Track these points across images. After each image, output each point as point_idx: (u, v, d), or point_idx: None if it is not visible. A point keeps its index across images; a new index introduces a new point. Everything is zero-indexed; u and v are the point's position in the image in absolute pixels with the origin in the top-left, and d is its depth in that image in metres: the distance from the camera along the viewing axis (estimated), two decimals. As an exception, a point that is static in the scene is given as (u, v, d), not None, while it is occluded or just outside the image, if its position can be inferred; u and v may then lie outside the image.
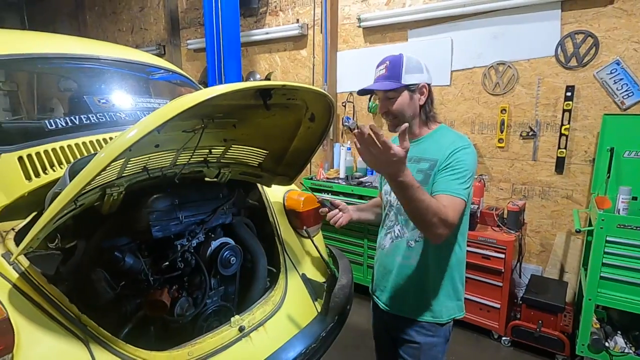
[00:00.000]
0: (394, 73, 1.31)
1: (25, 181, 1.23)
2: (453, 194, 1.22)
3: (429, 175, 1.31)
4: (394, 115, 1.34)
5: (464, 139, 1.33)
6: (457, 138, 1.33)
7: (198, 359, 1.28)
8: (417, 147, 1.38)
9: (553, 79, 2.80)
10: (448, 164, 1.27)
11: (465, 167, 1.26)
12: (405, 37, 3.39)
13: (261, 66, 4.40)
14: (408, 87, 1.32)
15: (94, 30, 6.38)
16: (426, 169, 1.32)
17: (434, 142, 1.36)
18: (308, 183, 3.58)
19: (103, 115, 1.50)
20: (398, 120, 1.33)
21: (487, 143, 3.13)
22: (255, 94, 1.16)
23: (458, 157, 1.27)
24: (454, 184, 1.24)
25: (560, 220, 2.92)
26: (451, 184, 1.24)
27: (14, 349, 1.00)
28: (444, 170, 1.27)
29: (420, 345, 1.37)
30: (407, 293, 1.39)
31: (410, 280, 1.38)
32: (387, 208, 1.47)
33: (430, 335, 1.37)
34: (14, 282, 1.09)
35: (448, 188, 1.23)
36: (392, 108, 1.32)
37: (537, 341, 2.56)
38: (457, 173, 1.25)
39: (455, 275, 1.38)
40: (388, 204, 1.47)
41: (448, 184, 1.24)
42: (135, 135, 0.90)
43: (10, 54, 1.53)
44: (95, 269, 1.32)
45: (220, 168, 1.65)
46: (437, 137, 1.37)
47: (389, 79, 1.31)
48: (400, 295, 1.40)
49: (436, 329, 1.37)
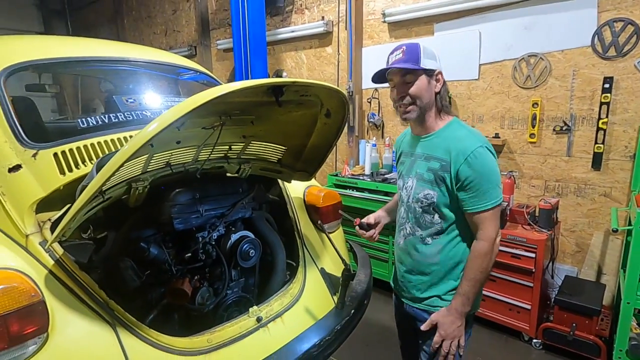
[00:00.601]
0: (412, 57, 1.26)
1: (59, 175, 1.33)
2: (489, 207, 1.24)
3: (441, 177, 1.28)
4: (412, 100, 1.29)
5: (476, 137, 1.28)
6: (469, 137, 1.28)
7: (217, 346, 1.33)
8: (428, 143, 1.36)
9: (589, 71, 2.64)
10: (468, 177, 1.23)
11: (487, 171, 1.24)
12: (431, 31, 3.32)
13: (287, 64, 4.46)
14: (426, 71, 1.29)
15: (131, 34, 6.70)
16: (437, 168, 1.30)
17: (444, 139, 1.32)
18: (332, 179, 3.60)
19: (130, 114, 1.59)
20: (415, 106, 1.29)
21: (517, 138, 3.01)
22: (267, 91, 1.19)
23: (475, 165, 1.22)
24: (487, 195, 1.24)
25: (597, 219, 2.76)
26: (485, 197, 1.24)
27: (48, 329, 1.09)
28: (467, 185, 1.24)
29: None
30: (427, 288, 1.39)
31: (430, 276, 1.38)
32: (400, 203, 1.48)
33: None
34: (50, 268, 1.19)
35: (482, 202, 1.24)
36: (410, 91, 1.28)
37: (570, 345, 2.44)
38: (483, 183, 1.23)
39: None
40: (400, 199, 1.47)
41: (481, 198, 1.24)
42: (154, 129, 0.96)
43: (50, 58, 1.66)
44: (123, 258, 1.41)
45: (241, 164, 1.70)
46: (448, 134, 1.32)
47: (406, 62, 1.26)
48: (420, 290, 1.40)
49: None
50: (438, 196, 1.30)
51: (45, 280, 1.16)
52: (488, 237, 1.26)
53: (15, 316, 1.03)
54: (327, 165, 4.29)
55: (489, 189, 1.24)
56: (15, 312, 1.03)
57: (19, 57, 1.55)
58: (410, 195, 1.38)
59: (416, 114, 1.31)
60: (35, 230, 1.25)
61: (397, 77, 1.30)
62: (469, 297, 1.27)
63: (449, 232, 1.33)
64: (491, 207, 1.24)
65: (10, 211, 1.24)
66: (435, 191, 1.31)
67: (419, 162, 1.37)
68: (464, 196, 1.26)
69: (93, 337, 1.16)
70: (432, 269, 1.36)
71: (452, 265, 1.35)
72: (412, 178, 1.38)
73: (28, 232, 1.23)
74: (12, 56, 1.54)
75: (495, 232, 1.27)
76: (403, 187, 1.43)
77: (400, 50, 1.29)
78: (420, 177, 1.35)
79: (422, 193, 1.33)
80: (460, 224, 1.33)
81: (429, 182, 1.32)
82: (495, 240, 1.27)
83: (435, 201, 1.31)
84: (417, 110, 1.30)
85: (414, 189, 1.37)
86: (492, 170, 1.25)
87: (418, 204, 1.35)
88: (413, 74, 1.28)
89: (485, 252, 1.26)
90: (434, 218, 1.33)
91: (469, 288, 1.26)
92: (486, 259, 1.26)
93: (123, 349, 1.17)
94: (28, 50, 1.65)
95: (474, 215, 1.27)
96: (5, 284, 1.04)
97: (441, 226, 1.33)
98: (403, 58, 1.27)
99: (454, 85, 3.26)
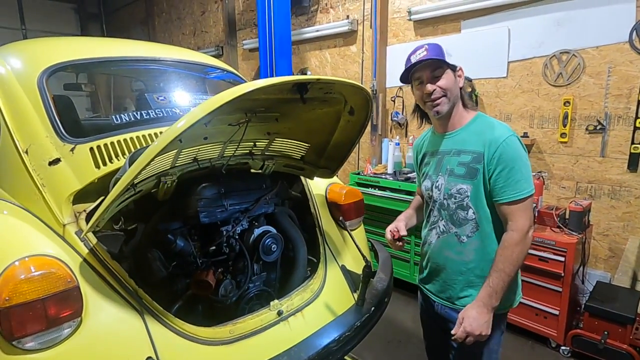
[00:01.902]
0: (437, 53, 1.28)
1: (95, 169, 1.40)
2: (521, 197, 1.22)
3: (474, 169, 1.28)
4: (443, 92, 1.30)
5: (506, 127, 1.29)
6: (499, 127, 1.29)
7: (238, 337, 1.37)
8: (456, 138, 1.36)
9: (626, 67, 2.52)
10: (500, 163, 1.23)
11: (519, 160, 1.23)
12: (458, 29, 3.26)
13: (312, 63, 4.49)
14: (450, 66, 1.31)
15: (162, 35, 6.93)
16: (469, 161, 1.29)
17: (473, 132, 1.32)
18: (355, 178, 3.60)
19: (161, 111, 1.65)
20: (446, 98, 1.30)
21: (547, 138, 2.91)
22: (292, 88, 1.21)
23: (508, 152, 1.23)
24: (519, 185, 1.22)
25: (633, 223, 2.63)
26: (516, 186, 1.22)
27: (82, 314, 1.15)
28: (500, 173, 1.23)
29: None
30: (462, 287, 1.36)
31: (464, 275, 1.35)
32: (431, 203, 1.45)
33: None
34: (84, 256, 1.26)
35: (514, 191, 1.22)
36: (440, 84, 1.29)
37: (601, 353, 2.34)
38: (515, 171, 1.22)
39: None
40: (430, 199, 1.44)
41: (513, 187, 1.22)
42: (183, 125, 1.00)
43: (87, 58, 1.75)
44: (151, 249, 1.47)
45: (265, 160, 1.73)
46: (476, 127, 1.33)
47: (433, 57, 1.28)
48: (454, 289, 1.38)
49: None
50: (472, 190, 1.29)
51: (80, 268, 1.22)
52: (519, 228, 1.22)
53: (52, 300, 1.09)
54: (350, 164, 4.29)
55: (520, 179, 1.22)
56: (53, 296, 1.09)
57: (59, 58, 1.64)
58: (442, 192, 1.36)
59: (447, 107, 1.32)
60: (72, 220, 1.32)
61: (427, 73, 1.30)
62: (497, 290, 1.22)
63: (484, 229, 1.31)
64: (523, 198, 1.22)
65: (49, 202, 1.32)
66: (468, 184, 1.29)
67: (448, 159, 1.36)
68: (496, 185, 1.25)
69: (122, 323, 1.22)
70: (468, 267, 1.33)
71: (487, 264, 1.30)
72: (442, 176, 1.37)
73: (65, 222, 1.30)
74: (52, 57, 1.64)
75: (528, 224, 1.23)
76: (433, 187, 1.40)
77: (423, 48, 1.30)
78: (451, 173, 1.34)
79: (455, 188, 1.32)
80: (495, 220, 1.30)
81: (460, 177, 1.31)
82: (527, 232, 1.23)
83: (469, 195, 1.29)
84: (448, 103, 1.31)
85: (445, 186, 1.35)
86: (524, 161, 1.25)
87: (451, 200, 1.34)
88: (442, 68, 1.30)
89: (516, 242, 1.22)
90: (468, 214, 1.31)
91: (497, 280, 1.22)
92: (516, 250, 1.22)
93: (150, 336, 1.22)
94: (67, 51, 1.74)
95: (505, 207, 1.24)
96: (44, 270, 1.11)
97: (475, 222, 1.31)
98: (428, 55, 1.28)
99: (481, 83, 3.19)
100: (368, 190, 3.36)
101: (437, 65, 1.29)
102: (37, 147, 1.38)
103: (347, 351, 1.49)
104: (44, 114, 1.43)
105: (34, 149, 1.38)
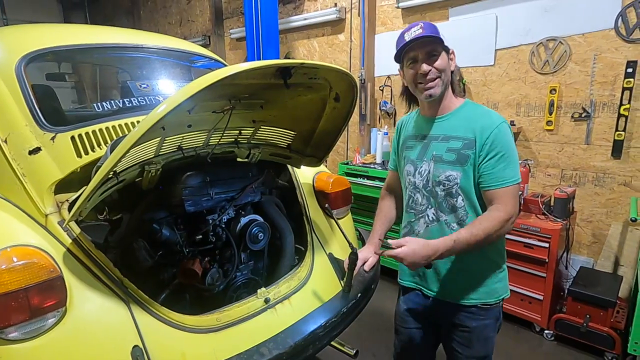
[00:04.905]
0: (433, 31, 1.22)
1: (76, 158, 1.38)
2: (509, 184, 1.21)
3: (464, 156, 1.25)
4: (438, 72, 1.25)
5: (496, 114, 1.27)
6: (490, 114, 1.27)
7: (225, 324, 1.37)
8: (445, 124, 1.32)
9: (611, 55, 2.55)
10: (492, 150, 1.22)
11: (510, 147, 1.22)
12: (446, 16, 3.25)
13: (300, 52, 4.44)
14: (445, 47, 1.26)
15: (147, 25, 6.79)
16: (459, 147, 1.26)
17: (463, 118, 1.29)
18: (344, 168, 3.60)
19: (144, 99, 1.62)
20: (440, 80, 1.25)
21: (534, 126, 2.94)
22: (275, 72, 1.20)
23: (500, 139, 1.21)
24: (507, 172, 1.21)
25: (616, 209, 2.68)
26: (505, 173, 1.21)
27: (66, 303, 1.15)
28: (491, 159, 1.22)
29: (471, 329, 1.34)
30: (454, 278, 1.34)
31: (456, 265, 1.32)
32: (411, 190, 1.39)
33: (481, 318, 1.34)
34: (68, 246, 1.25)
35: (503, 178, 1.21)
36: (437, 64, 1.24)
37: (583, 336, 2.41)
38: (505, 158, 1.21)
39: (499, 255, 1.35)
40: (411, 185, 1.38)
41: (502, 173, 1.21)
42: (163, 110, 0.98)
43: (67, 45, 1.71)
44: (136, 239, 1.46)
45: (251, 149, 1.72)
46: (465, 112, 1.30)
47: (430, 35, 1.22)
48: (446, 280, 1.35)
49: (486, 311, 1.34)
50: (462, 177, 1.26)
51: (64, 258, 1.21)
52: (506, 210, 1.20)
53: (35, 290, 1.09)
54: (339, 154, 4.29)
55: (508, 166, 1.21)
56: (35, 286, 1.09)
57: (38, 45, 1.60)
58: (428, 179, 1.32)
59: (440, 89, 1.26)
60: (54, 210, 1.30)
61: (422, 52, 1.24)
62: (455, 247, 1.17)
63: (473, 216, 1.28)
64: (511, 184, 1.21)
65: (30, 191, 1.30)
66: (458, 171, 1.26)
67: (435, 144, 1.32)
68: (485, 171, 1.23)
69: (108, 312, 1.22)
70: (463, 257, 1.29)
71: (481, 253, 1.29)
72: (427, 162, 1.33)
73: (47, 211, 1.29)
74: (31, 43, 1.59)
75: (514, 210, 1.21)
76: (415, 172, 1.36)
77: (418, 26, 1.23)
78: (438, 159, 1.30)
79: (444, 175, 1.28)
80: (483, 206, 1.28)
81: (450, 163, 1.28)
82: (511, 217, 1.20)
83: (459, 182, 1.26)
84: (441, 86, 1.26)
85: (432, 172, 1.31)
86: (513, 148, 1.24)
87: (440, 187, 1.30)
88: (438, 48, 1.24)
89: (499, 220, 1.19)
90: (457, 201, 1.28)
91: (463, 241, 1.17)
92: (495, 225, 1.18)
93: (136, 324, 1.22)
94: (46, 37, 1.70)
95: (493, 192, 1.22)
96: (26, 260, 1.10)
97: (465, 209, 1.28)
98: (424, 33, 1.22)
99: (469, 71, 3.19)
100: (357, 180, 3.37)
101: (433, 44, 1.23)
102: (16, 136, 1.36)
103: (334, 337, 1.51)
104: (22, 102, 1.39)
105: (13, 138, 1.35)
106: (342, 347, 1.96)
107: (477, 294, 1.32)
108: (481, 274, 1.32)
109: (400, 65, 1.34)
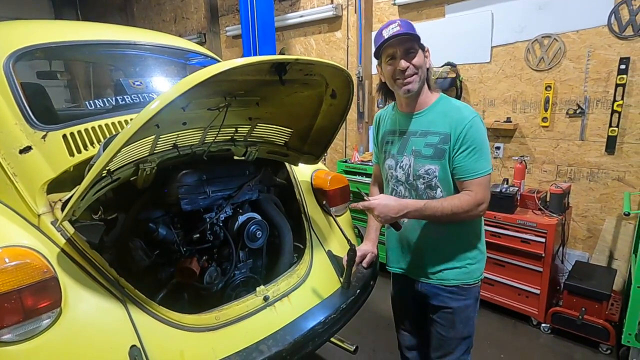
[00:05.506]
0: (410, 29, 1.27)
1: (69, 157, 1.35)
2: (481, 175, 1.29)
3: (441, 150, 1.31)
4: (415, 69, 1.29)
5: (470, 109, 1.33)
6: (464, 108, 1.33)
7: (224, 323, 1.36)
8: (423, 119, 1.37)
9: (605, 51, 2.56)
10: (464, 143, 1.28)
11: (482, 141, 1.29)
12: (442, 13, 3.24)
13: (297, 50, 4.42)
14: (420, 45, 1.31)
15: (141, 22, 6.71)
16: (436, 142, 1.32)
17: (439, 113, 1.34)
18: (342, 166, 3.59)
19: (137, 96, 1.60)
20: (417, 76, 1.30)
21: (529, 122, 2.95)
22: (270, 69, 1.18)
23: (472, 133, 1.28)
24: (479, 164, 1.29)
25: (609, 204, 2.71)
26: (477, 165, 1.28)
27: (61, 304, 1.13)
28: (464, 152, 1.29)
29: (453, 309, 1.42)
30: (434, 262, 1.42)
31: (436, 250, 1.41)
32: (394, 183, 1.46)
33: (462, 298, 1.42)
34: (62, 246, 1.22)
35: (475, 169, 1.28)
36: (414, 61, 1.29)
37: (579, 329, 2.43)
38: (477, 151, 1.28)
39: (476, 237, 1.43)
40: (393, 179, 1.45)
41: (474, 165, 1.28)
42: (157, 107, 0.96)
43: (57, 42, 1.67)
44: (133, 238, 1.44)
45: (248, 146, 1.71)
46: (441, 107, 1.36)
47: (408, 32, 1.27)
48: (427, 264, 1.43)
49: (466, 291, 1.42)
50: (440, 170, 1.33)
51: (58, 258, 1.19)
52: (476, 197, 1.28)
53: (28, 291, 1.06)
54: (337, 152, 4.29)
55: (480, 159, 1.28)
56: (29, 287, 1.06)
57: (27, 41, 1.56)
58: (409, 173, 1.39)
59: (418, 85, 1.32)
60: (47, 210, 1.28)
61: (401, 49, 1.28)
62: (424, 210, 1.28)
63: None
64: (482, 175, 1.29)
65: (22, 191, 1.27)
66: (436, 165, 1.33)
67: (414, 139, 1.38)
68: (459, 163, 1.29)
69: (104, 313, 1.20)
70: (439, 243, 1.39)
71: (458, 237, 1.39)
72: (407, 156, 1.39)
73: (40, 211, 1.26)
74: (20, 40, 1.56)
75: (482, 198, 1.29)
76: (397, 166, 1.43)
77: (396, 24, 1.28)
78: (417, 154, 1.36)
79: (423, 169, 1.35)
80: None
81: (428, 158, 1.34)
82: (480, 204, 1.29)
83: (437, 175, 1.33)
84: (418, 82, 1.31)
85: (412, 167, 1.38)
86: (485, 141, 1.31)
87: (420, 180, 1.37)
88: (416, 45, 1.29)
89: (467, 202, 1.27)
90: (437, 193, 1.36)
91: (431, 209, 1.27)
92: (463, 204, 1.27)
93: (133, 324, 1.20)
94: (36, 34, 1.66)
95: (467, 183, 1.30)
96: (18, 260, 1.08)
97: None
98: (401, 30, 1.26)
99: (465, 68, 3.19)
100: (355, 178, 3.37)
101: (411, 41, 1.28)
102: (6, 135, 1.33)
103: (333, 333, 1.50)
104: (11, 100, 1.36)
105: (3, 137, 1.32)
106: (342, 343, 1.96)
107: (456, 274, 1.40)
108: (459, 256, 1.40)
109: (379, 61, 1.38)
